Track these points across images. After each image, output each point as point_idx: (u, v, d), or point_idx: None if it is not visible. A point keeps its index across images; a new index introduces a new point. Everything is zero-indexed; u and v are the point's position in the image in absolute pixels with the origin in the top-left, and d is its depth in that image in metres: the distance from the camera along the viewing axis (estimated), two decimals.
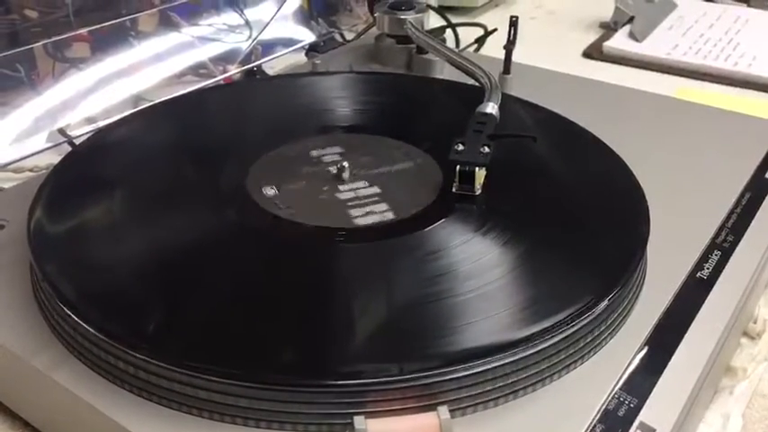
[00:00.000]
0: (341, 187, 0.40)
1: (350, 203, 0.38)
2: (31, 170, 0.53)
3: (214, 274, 0.34)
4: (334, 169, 0.41)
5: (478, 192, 0.38)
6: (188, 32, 0.67)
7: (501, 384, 0.30)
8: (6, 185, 0.48)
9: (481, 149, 0.38)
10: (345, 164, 0.40)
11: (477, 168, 0.38)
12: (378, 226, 0.37)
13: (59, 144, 0.53)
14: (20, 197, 0.40)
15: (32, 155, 0.52)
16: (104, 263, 0.35)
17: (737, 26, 0.81)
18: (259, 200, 0.38)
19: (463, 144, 0.39)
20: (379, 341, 0.30)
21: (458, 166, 0.38)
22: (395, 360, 0.29)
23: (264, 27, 0.70)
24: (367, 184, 0.40)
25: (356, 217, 0.37)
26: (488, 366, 0.29)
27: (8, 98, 0.55)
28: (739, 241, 0.40)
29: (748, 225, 0.41)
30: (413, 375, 0.28)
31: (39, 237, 0.36)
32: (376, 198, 0.39)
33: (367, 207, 0.38)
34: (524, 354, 0.30)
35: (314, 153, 0.43)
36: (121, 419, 0.29)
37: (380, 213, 0.37)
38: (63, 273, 0.33)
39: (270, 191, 0.39)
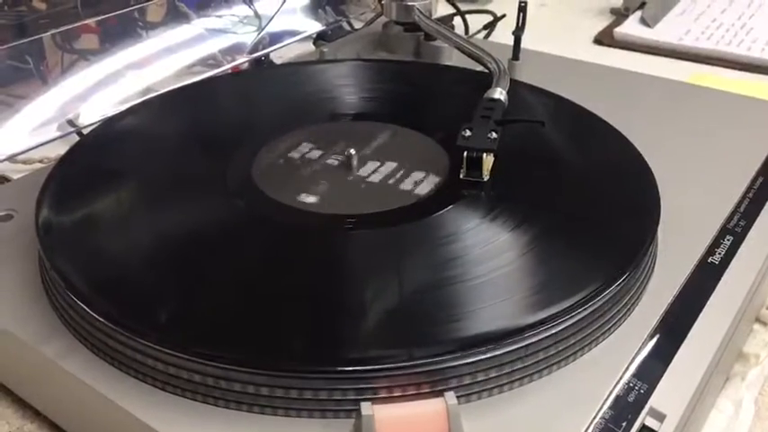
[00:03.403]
0: (349, 174, 0.39)
1: (356, 190, 0.38)
2: (40, 161, 0.53)
3: (222, 262, 0.34)
4: (340, 156, 0.41)
5: (486, 178, 0.38)
6: (196, 23, 0.66)
7: (509, 370, 0.29)
8: (16, 176, 0.48)
9: (489, 135, 0.38)
10: (352, 151, 0.40)
11: (484, 154, 0.38)
12: (386, 213, 0.36)
13: (68, 134, 0.53)
14: (28, 187, 0.40)
15: (41, 145, 0.52)
16: (112, 252, 0.35)
17: (751, 11, 0.80)
18: (266, 188, 0.38)
19: (471, 130, 0.38)
20: (386, 327, 0.30)
21: (465, 152, 0.38)
22: (402, 346, 0.29)
23: (273, 16, 0.70)
24: (374, 171, 0.40)
25: (362, 204, 0.37)
26: (496, 352, 0.29)
27: (17, 89, 0.55)
28: (751, 226, 0.39)
29: (760, 210, 0.41)
30: (419, 361, 0.28)
31: (47, 227, 0.36)
32: (383, 184, 0.38)
33: (375, 195, 0.38)
34: (533, 339, 0.29)
35: (322, 141, 0.43)
36: (130, 407, 0.29)
37: (389, 201, 0.37)
38: (71, 262, 0.34)
39: (278, 176, 0.39)
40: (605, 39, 0.76)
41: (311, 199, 0.37)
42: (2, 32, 0.54)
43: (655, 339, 0.32)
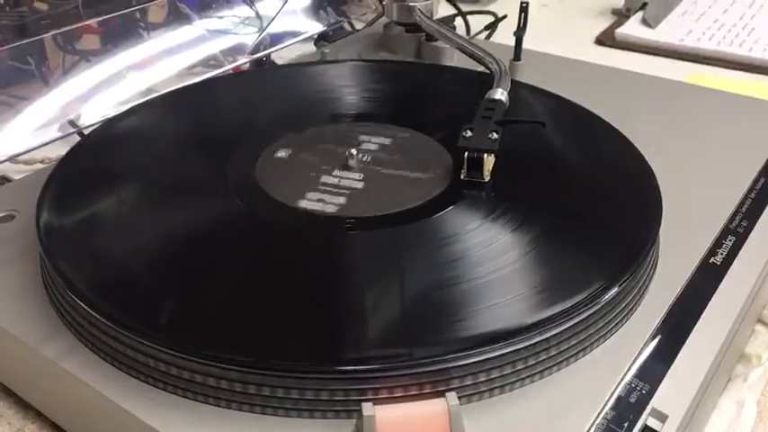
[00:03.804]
0: (349, 175, 0.39)
1: (357, 192, 0.38)
2: (41, 161, 0.53)
3: (223, 263, 0.34)
4: (341, 157, 0.41)
5: (487, 178, 0.38)
6: (198, 24, 0.67)
7: (510, 371, 0.29)
8: (17, 176, 0.48)
9: (490, 135, 0.38)
10: (353, 151, 0.40)
11: (485, 155, 0.37)
12: (387, 214, 0.36)
13: (69, 135, 0.53)
14: (29, 188, 0.40)
15: (43, 146, 0.52)
16: (113, 252, 0.35)
17: (752, 11, 0.80)
18: (267, 188, 0.38)
19: (472, 130, 0.38)
20: (387, 328, 0.30)
21: (466, 153, 0.38)
22: (403, 346, 0.29)
23: (274, 17, 0.70)
24: (375, 171, 0.40)
25: (363, 205, 0.37)
26: (497, 353, 0.29)
27: (19, 90, 0.55)
28: (753, 227, 0.39)
29: (762, 210, 0.40)
30: (421, 362, 0.28)
31: (48, 227, 0.36)
32: (384, 185, 0.38)
33: (375, 196, 0.38)
34: (534, 340, 0.29)
35: (323, 142, 0.43)
36: (131, 407, 0.29)
37: (390, 202, 0.37)
38: (72, 262, 0.34)
39: (279, 177, 0.39)
40: (606, 39, 0.76)
41: (312, 200, 0.37)
42: (3, 33, 0.54)
43: (656, 340, 0.32)
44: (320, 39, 0.70)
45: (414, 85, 0.50)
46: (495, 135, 0.38)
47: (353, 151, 0.40)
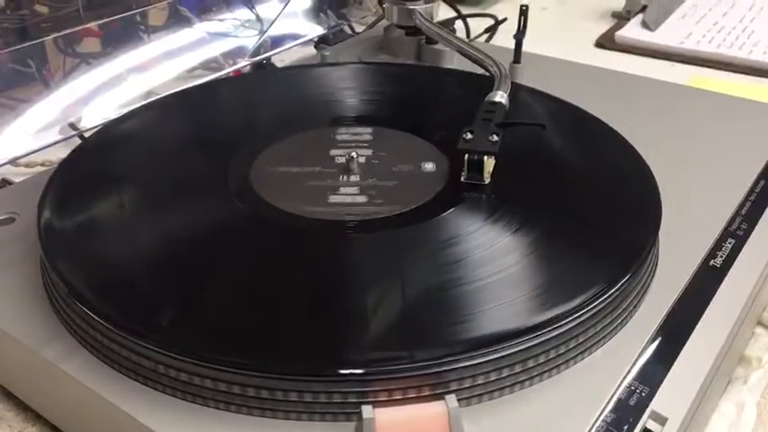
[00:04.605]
0: (349, 178, 0.39)
1: (356, 195, 0.38)
2: (42, 164, 0.53)
3: (222, 266, 0.34)
4: (342, 161, 0.41)
5: (487, 181, 0.38)
6: (198, 26, 0.67)
7: (510, 373, 0.29)
8: (17, 179, 0.48)
9: (490, 138, 0.38)
10: (354, 155, 0.40)
11: (485, 157, 0.38)
12: (387, 217, 0.36)
13: (70, 138, 0.53)
14: (30, 191, 0.40)
15: (43, 149, 0.52)
16: (114, 255, 0.35)
17: (752, 14, 0.80)
18: (267, 191, 0.38)
19: (472, 133, 0.38)
20: (387, 330, 0.30)
21: (466, 155, 0.38)
22: (403, 349, 0.29)
23: (274, 20, 0.70)
24: (375, 175, 0.40)
25: (363, 207, 0.37)
26: (497, 355, 0.29)
27: (19, 93, 0.55)
28: (753, 229, 0.39)
29: (762, 213, 0.41)
30: (421, 364, 0.28)
31: (48, 230, 0.36)
32: (383, 188, 0.39)
33: (375, 199, 0.38)
34: (534, 342, 0.29)
35: (323, 145, 0.43)
36: (131, 410, 0.29)
37: (389, 204, 0.37)
38: (72, 265, 0.34)
39: (281, 183, 0.39)
40: (606, 42, 0.76)
41: (313, 202, 0.37)
42: (4, 36, 0.54)
43: (656, 342, 0.32)
44: (320, 42, 0.70)
45: (414, 88, 0.51)
46: (495, 137, 0.38)
47: (353, 154, 0.40)
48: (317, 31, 0.72)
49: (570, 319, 0.30)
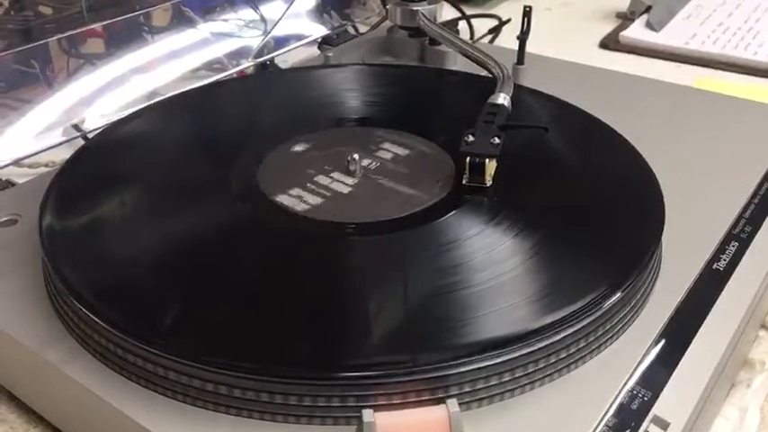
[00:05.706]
0: (351, 180, 0.39)
1: (361, 196, 0.38)
2: (45, 165, 0.53)
3: (224, 269, 0.34)
4: (343, 162, 0.41)
5: (489, 183, 0.38)
6: (202, 27, 0.67)
7: (511, 377, 0.29)
8: (21, 180, 0.48)
9: (492, 140, 0.38)
10: (356, 156, 0.40)
11: (487, 160, 0.37)
12: (388, 220, 0.36)
13: (73, 139, 0.53)
14: (33, 192, 0.40)
15: (46, 150, 0.52)
16: (116, 258, 0.35)
17: (757, 14, 0.80)
18: (270, 193, 0.38)
19: (473, 135, 0.38)
20: (388, 334, 0.30)
21: (468, 158, 0.38)
22: (404, 353, 0.29)
23: (278, 21, 0.70)
24: (378, 176, 0.40)
25: (367, 209, 0.37)
26: (498, 360, 0.29)
27: (23, 94, 0.55)
28: (757, 232, 0.39)
29: (766, 216, 0.40)
30: (422, 368, 0.28)
31: (50, 232, 0.36)
32: (387, 190, 0.38)
33: (378, 199, 0.38)
34: (535, 347, 0.29)
35: (324, 147, 0.43)
36: (133, 413, 0.29)
37: (394, 206, 0.37)
38: (75, 267, 0.34)
39: (281, 184, 0.39)
40: (611, 43, 0.76)
41: (315, 204, 0.37)
42: (8, 37, 0.54)
43: (659, 346, 0.32)
44: (324, 42, 0.70)
45: (416, 89, 0.50)
46: (497, 140, 0.38)
47: (356, 156, 0.40)
48: (320, 31, 0.72)
49: (572, 323, 0.30)
